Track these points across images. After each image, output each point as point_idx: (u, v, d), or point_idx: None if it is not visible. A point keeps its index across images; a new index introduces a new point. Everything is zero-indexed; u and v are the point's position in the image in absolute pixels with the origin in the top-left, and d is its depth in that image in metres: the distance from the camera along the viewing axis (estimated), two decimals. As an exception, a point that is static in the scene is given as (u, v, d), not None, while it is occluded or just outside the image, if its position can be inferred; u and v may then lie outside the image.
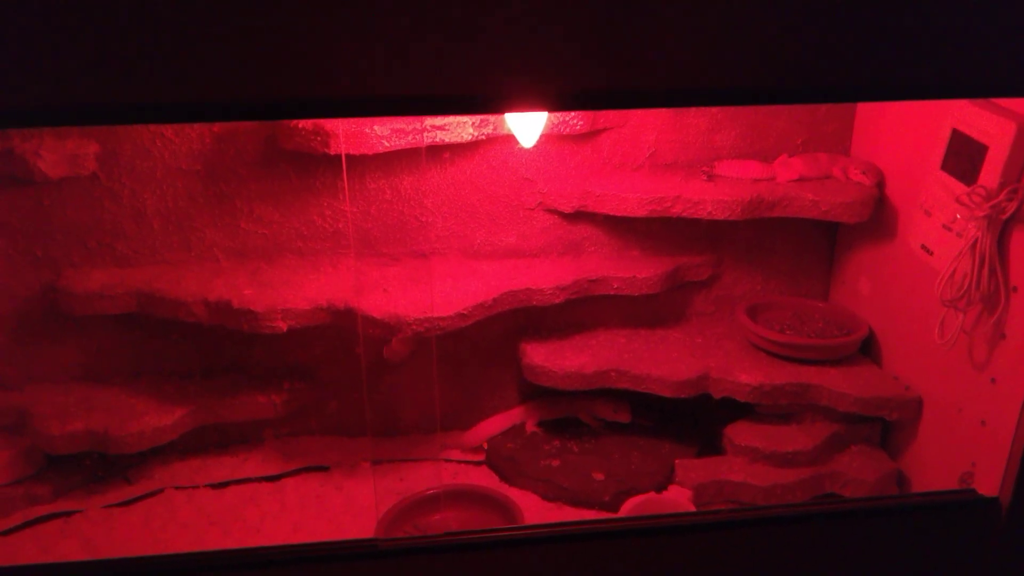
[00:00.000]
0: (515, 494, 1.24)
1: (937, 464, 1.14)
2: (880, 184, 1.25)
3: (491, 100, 0.76)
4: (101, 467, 1.29)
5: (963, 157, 1.03)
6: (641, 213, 1.24)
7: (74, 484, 1.26)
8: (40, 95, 0.69)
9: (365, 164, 1.24)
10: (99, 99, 0.70)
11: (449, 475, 1.30)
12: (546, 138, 1.24)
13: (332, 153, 1.16)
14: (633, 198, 1.23)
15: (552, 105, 0.79)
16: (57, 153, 1.17)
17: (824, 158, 1.29)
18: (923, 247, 1.12)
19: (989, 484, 1.00)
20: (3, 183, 1.19)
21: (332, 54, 0.70)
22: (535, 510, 1.22)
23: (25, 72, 0.68)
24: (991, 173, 0.97)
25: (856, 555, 1.03)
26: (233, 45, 0.69)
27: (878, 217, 1.25)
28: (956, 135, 1.05)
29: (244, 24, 0.68)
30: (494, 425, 1.35)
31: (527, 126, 1.15)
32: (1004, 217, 0.95)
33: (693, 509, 1.18)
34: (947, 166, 1.07)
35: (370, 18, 0.69)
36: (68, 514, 1.22)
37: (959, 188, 1.03)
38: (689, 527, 1.01)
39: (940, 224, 1.08)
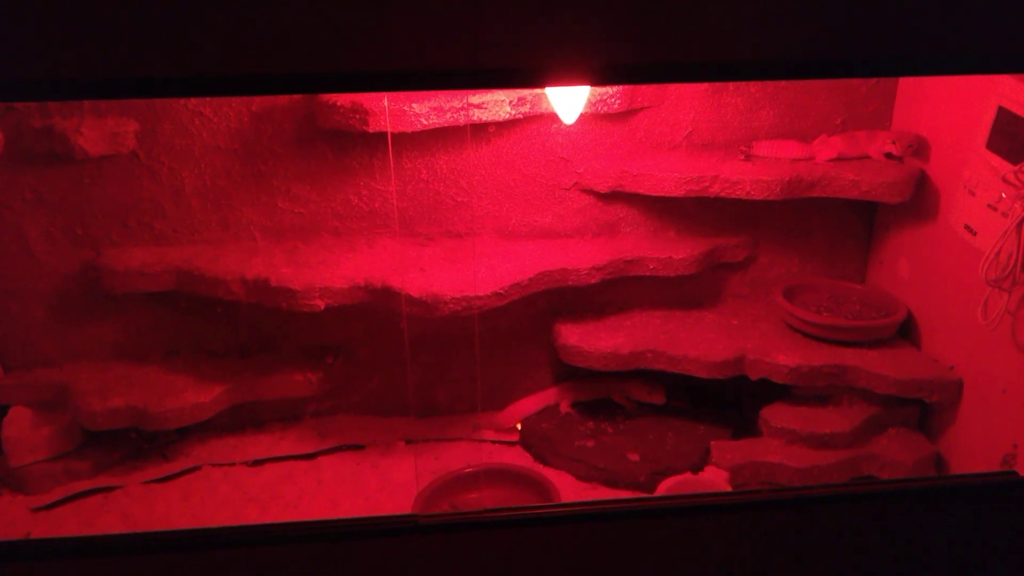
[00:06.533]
0: (550, 474, 1.25)
1: (977, 446, 1.13)
2: (917, 152, 1.23)
3: (534, 73, 0.76)
4: (145, 441, 1.30)
5: (1009, 135, 1.01)
6: (678, 193, 1.23)
7: (113, 460, 1.28)
8: (86, 67, 0.69)
9: (401, 143, 1.25)
10: (145, 72, 0.70)
11: (484, 455, 1.30)
12: (583, 117, 1.24)
13: (371, 131, 1.16)
14: (670, 178, 1.23)
15: (597, 78, 0.79)
16: (97, 131, 1.18)
17: (863, 136, 1.27)
18: (966, 227, 1.11)
19: (1033, 465, 0.99)
20: (44, 160, 1.20)
21: (376, 28, 0.70)
22: (570, 490, 1.22)
23: (72, 44, 0.68)
24: (1041, 150, 0.96)
25: (895, 537, 1.02)
26: (275, 20, 0.68)
27: (919, 197, 1.23)
28: (1002, 113, 1.03)
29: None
30: (528, 405, 1.35)
31: (569, 102, 1.14)
32: (1055, 195, 0.94)
33: (729, 489, 1.18)
34: (992, 144, 1.06)
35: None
36: (108, 489, 1.24)
37: (1005, 167, 1.01)
38: (726, 507, 1.01)
39: (985, 203, 1.07)
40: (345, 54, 0.71)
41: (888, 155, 1.25)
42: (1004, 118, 1.03)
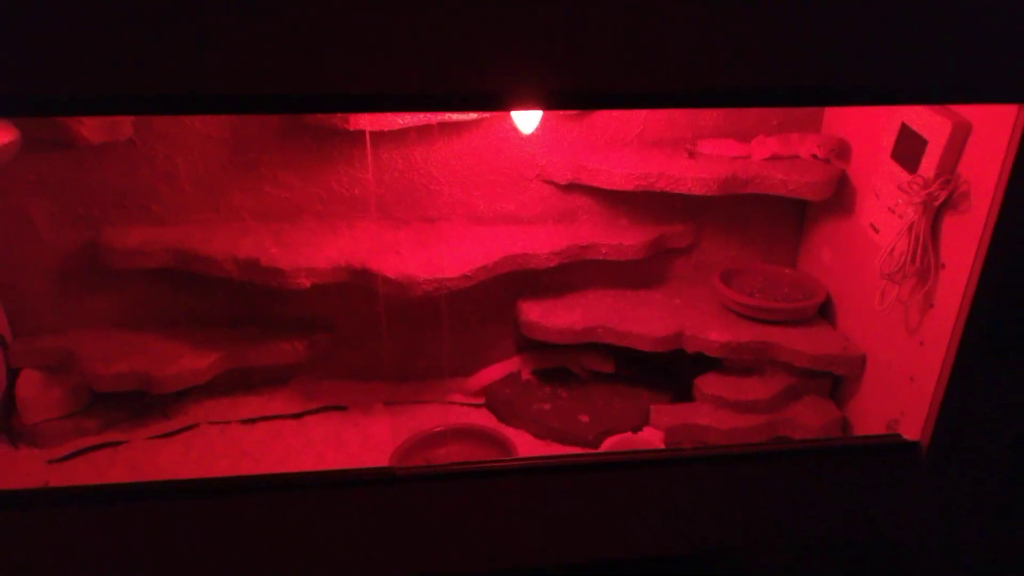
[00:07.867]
0: (511, 433, 1.41)
1: (875, 412, 1.32)
2: (840, 155, 1.37)
3: (486, 99, 0.86)
4: (147, 401, 1.43)
5: (908, 149, 1.17)
6: (628, 187, 1.37)
7: (119, 418, 1.41)
8: (70, 85, 0.77)
9: (380, 137, 1.36)
10: (130, 90, 0.78)
11: (453, 416, 1.46)
12: (544, 116, 1.36)
13: (351, 129, 1.28)
14: (621, 173, 1.36)
15: (544, 104, 0.89)
16: (97, 120, 1.27)
17: (795, 138, 1.41)
18: (871, 225, 1.27)
19: (913, 430, 1.17)
20: (47, 148, 1.29)
21: (341, 54, 0.78)
22: (527, 447, 1.39)
23: (58, 63, 0.76)
24: (929, 165, 1.11)
25: (801, 489, 1.20)
26: (246, 44, 0.77)
27: (840, 195, 1.39)
28: (904, 128, 1.18)
29: (256, 26, 0.76)
30: (493, 373, 1.50)
31: (526, 117, 1.27)
32: (937, 204, 1.10)
33: (662, 447, 1.36)
34: (895, 155, 1.21)
35: (376, 22, 0.77)
36: (116, 444, 1.37)
37: (903, 176, 1.17)
38: (658, 462, 1.17)
39: (886, 206, 1.23)
40: (310, 78, 0.79)
41: (815, 156, 1.40)
42: (906, 133, 1.18)
